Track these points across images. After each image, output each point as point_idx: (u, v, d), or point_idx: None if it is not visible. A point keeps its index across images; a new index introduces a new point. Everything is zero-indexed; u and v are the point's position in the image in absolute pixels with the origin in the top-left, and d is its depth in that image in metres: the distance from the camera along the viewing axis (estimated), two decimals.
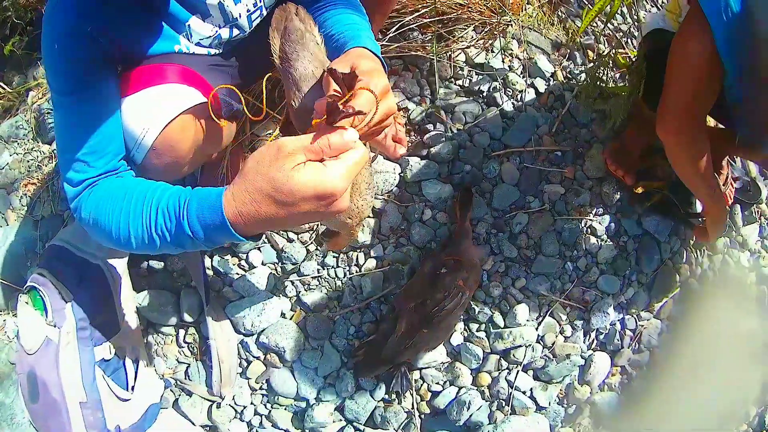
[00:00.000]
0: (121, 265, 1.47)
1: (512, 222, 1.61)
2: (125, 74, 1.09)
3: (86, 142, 1.04)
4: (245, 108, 1.17)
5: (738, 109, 1.27)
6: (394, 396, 1.54)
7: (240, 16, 1.18)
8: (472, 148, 1.65)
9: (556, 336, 1.58)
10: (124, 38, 1.06)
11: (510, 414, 1.53)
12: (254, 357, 1.56)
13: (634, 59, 1.58)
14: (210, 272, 1.58)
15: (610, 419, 1.58)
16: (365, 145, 0.86)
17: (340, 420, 1.55)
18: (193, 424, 1.54)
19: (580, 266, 1.62)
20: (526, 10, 1.79)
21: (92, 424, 1.38)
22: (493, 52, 1.75)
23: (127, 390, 1.45)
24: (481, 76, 1.73)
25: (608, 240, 1.63)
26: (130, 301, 1.50)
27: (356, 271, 1.58)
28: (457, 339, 1.56)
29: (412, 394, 1.55)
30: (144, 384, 1.49)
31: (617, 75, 1.77)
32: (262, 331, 1.54)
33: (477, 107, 1.69)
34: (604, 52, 1.79)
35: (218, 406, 1.54)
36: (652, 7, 2.01)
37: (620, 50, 1.81)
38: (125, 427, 1.43)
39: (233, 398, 1.55)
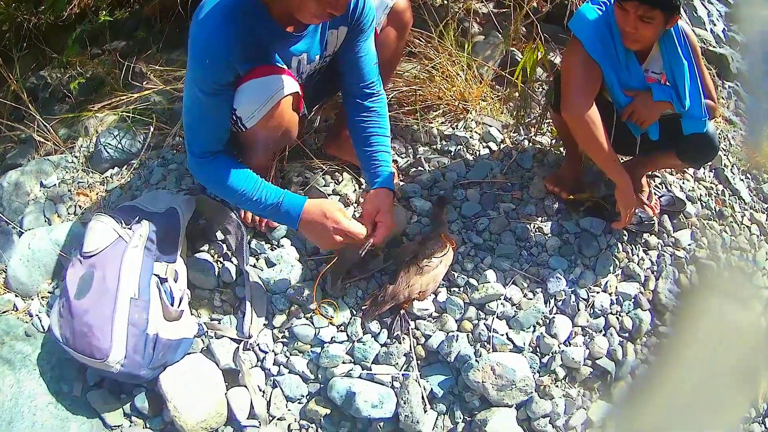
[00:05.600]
0: (187, 217, 1.71)
1: (477, 223, 1.94)
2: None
3: (206, 130, 1.55)
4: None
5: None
6: (394, 339, 1.67)
7: (305, 73, 1.67)
8: (443, 181, 2.04)
9: (521, 298, 1.78)
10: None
11: (492, 351, 1.66)
12: (279, 310, 1.71)
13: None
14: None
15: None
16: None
17: (350, 362, 1.65)
18: (218, 365, 1.62)
19: (533, 253, 1.90)
20: (481, 104, 2.33)
21: (135, 321, 1.48)
22: (458, 128, 2.24)
23: (172, 307, 1.57)
24: (449, 142, 2.19)
25: (553, 236, 1.93)
26: (183, 251, 1.71)
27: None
28: (442, 296, 1.76)
29: (410, 337, 1.68)
30: (183, 316, 1.61)
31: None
32: (289, 287, 1.73)
33: (447, 160, 2.12)
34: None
35: (245, 346, 1.64)
36: None
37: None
38: (162, 339, 1.52)
39: (257, 345, 1.66)
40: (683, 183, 2.33)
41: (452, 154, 2.16)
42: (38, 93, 2.85)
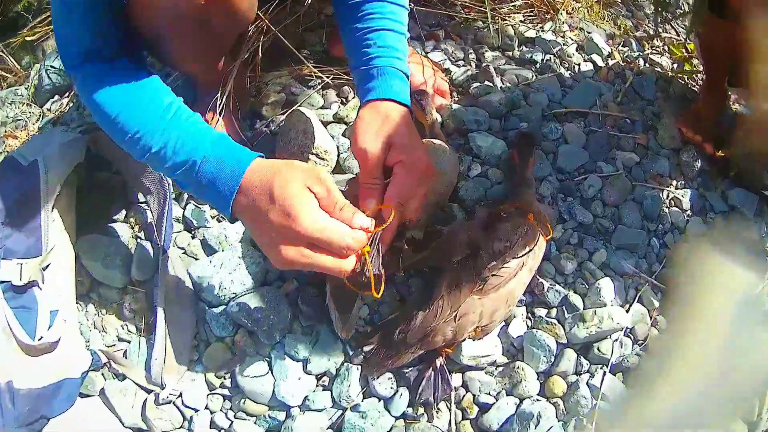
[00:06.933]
0: (61, 174, 0.93)
1: (583, 185, 1.08)
2: None
3: (75, 19, 0.78)
4: None
5: None
6: (421, 409, 0.89)
7: None
8: (527, 107, 1.19)
9: (650, 328, 0.97)
10: None
11: None
12: (217, 337, 0.93)
13: None
14: (180, 225, 1.03)
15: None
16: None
17: None
18: (122, 423, 0.88)
19: (667, 241, 1.07)
20: (573, 4, 1.43)
21: None
22: (544, 30, 1.36)
23: (33, 339, 0.84)
24: (533, 48, 1.31)
25: (694, 215, 1.12)
26: (62, 231, 0.94)
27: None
28: (517, 328, 0.94)
29: (449, 407, 0.90)
30: (61, 345, 0.88)
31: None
32: (233, 297, 0.94)
33: (531, 74, 1.26)
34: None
35: (156, 400, 0.89)
36: None
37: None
38: (21, 389, 0.81)
39: (182, 399, 0.90)
40: None
41: (538, 66, 1.28)
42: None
